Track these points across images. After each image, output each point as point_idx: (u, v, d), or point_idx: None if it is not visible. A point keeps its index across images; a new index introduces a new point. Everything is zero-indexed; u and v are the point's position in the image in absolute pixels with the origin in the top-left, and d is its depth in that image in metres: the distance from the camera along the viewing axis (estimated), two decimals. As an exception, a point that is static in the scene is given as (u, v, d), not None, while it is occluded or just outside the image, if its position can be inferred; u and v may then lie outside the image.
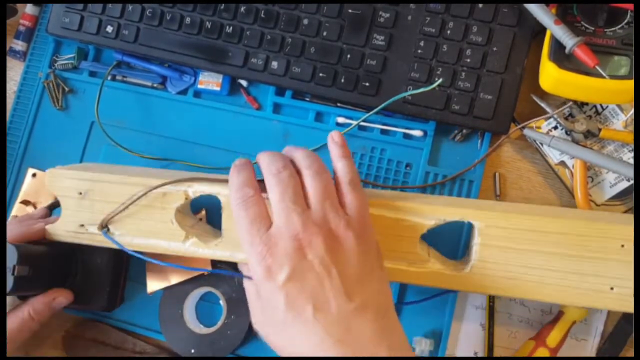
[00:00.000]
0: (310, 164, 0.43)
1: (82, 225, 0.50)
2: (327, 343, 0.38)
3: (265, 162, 0.43)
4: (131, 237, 0.49)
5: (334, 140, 0.45)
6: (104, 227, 0.50)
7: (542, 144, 0.54)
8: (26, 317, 0.50)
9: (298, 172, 0.43)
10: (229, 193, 0.43)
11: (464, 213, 0.45)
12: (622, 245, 0.43)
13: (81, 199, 0.50)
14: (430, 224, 0.45)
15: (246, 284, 0.45)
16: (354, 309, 0.39)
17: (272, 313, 0.40)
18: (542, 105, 0.53)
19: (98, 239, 0.50)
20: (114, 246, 0.49)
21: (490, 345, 0.53)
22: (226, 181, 0.47)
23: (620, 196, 0.53)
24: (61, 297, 0.52)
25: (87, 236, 0.50)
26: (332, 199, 0.42)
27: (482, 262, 0.45)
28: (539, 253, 0.44)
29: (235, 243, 0.48)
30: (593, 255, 0.43)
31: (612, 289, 0.43)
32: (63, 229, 0.50)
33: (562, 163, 0.53)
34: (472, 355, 0.54)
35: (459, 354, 0.54)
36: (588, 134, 0.52)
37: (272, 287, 0.40)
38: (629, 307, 0.43)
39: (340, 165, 0.44)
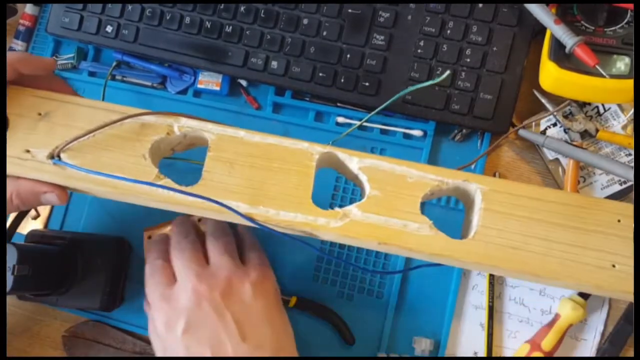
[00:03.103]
0: (213, 230, 0.50)
1: (28, 151, 0.42)
2: None
3: (174, 236, 0.50)
4: (87, 170, 0.41)
5: (238, 231, 0.53)
6: (56, 156, 0.41)
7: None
8: (7, 197, 0.43)
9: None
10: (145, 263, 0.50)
11: (468, 176, 0.44)
12: (619, 220, 0.43)
13: (38, 120, 0.42)
14: (433, 183, 0.44)
15: (152, 337, 0.48)
16: (248, 349, 0.44)
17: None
18: (543, 100, 0.53)
19: (44, 169, 0.42)
20: (58, 181, 0.41)
21: (490, 345, 0.53)
22: (217, 124, 0.44)
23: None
24: (53, 195, 0.43)
25: (31, 165, 0.42)
26: (230, 254, 0.48)
27: (485, 227, 0.43)
28: (541, 222, 0.43)
29: (217, 187, 0.42)
30: (591, 228, 0.43)
31: (614, 266, 0.43)
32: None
33: (556, 160, 0.53)
34: (472, 355, 0.54)
35: (459, 354, 0.54)
36: (585, 134, 0.52)
37: (173, 338, 0.45)
38: (629, 286, 0.43)
39: (243, 234, 0.52)
